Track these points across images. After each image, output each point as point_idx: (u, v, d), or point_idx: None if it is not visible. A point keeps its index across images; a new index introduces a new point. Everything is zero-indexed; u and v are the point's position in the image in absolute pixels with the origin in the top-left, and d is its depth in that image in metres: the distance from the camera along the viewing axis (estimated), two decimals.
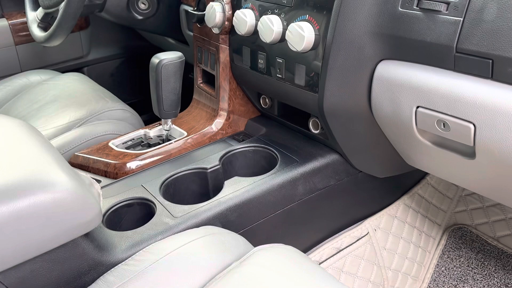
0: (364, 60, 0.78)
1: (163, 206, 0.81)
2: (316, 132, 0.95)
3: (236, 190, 0.84)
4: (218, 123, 1.07)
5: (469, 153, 0.71)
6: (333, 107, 0.84)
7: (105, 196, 0.84)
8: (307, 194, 0.92)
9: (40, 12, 1.24)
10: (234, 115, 1.09)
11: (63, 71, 1.58)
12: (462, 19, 0.63)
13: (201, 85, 1.15)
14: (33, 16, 1.26)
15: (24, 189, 0.57)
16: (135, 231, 0.75)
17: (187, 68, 1.07)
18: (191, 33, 1.19)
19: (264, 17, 0.86)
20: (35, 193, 0.58)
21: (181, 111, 1.17)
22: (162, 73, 0.95)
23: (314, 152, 0.95)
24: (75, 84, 1.38)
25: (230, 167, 0.97)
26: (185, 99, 1.10)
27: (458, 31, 0.64)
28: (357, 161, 0.95)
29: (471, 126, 0.66)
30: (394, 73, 0.75)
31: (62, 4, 1.08)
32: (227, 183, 0.87)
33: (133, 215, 0.84)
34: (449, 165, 0.80)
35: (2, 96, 1.39)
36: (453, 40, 0.65)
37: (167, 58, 0.95)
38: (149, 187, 0.86)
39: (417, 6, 0.69)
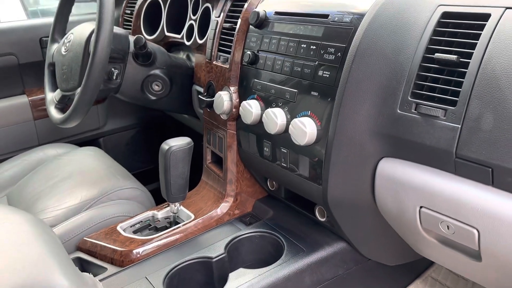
0: (365, 156, 0.78)
1: None
2: (323, 220, 0.94)
3: (241, 284, 0.83)
4: (224, 206, 1.08)
5: (475, 255, 0.70)
6: (337, 198, 0.84)
7: None
8: (314, 285, 0.90)
9: (57, 93, 1.30)
10: (242, 196, 1.10)
11: (80, 142, 1.63)
12: (460, 126, 0.64)
13: (210, 165, 1.17)
14: (51, 97, 1.32)
15: None
16: None
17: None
18: (202, 111, 1.24)
19: (269, 110, 0.89)
20: None
21: (190, 188, 1.19)
22: (171, 159, 0.97)
23: (321, 240, 0.93)
24: (89, 160, 1.41)
25: (236, 254, 0.96)
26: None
27: (457, 137, 0.64)
28: (366, 249, 0.94)
29: (475, 231, 0.65)
30: (395, 171, 0.75)
31: (79, 90, 1.14)
32: (231, 276, 0.86)
33: None
34: (456, 262, 0.78)
35: (19, 171, 1.43)
36: (452, 146, 0.65)
37: (176, 145, 0.98)
38: (152, 280, 0.85)
39: (415, 110, 0.70)
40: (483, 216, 0.63)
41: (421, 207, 0.72)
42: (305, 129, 0.80)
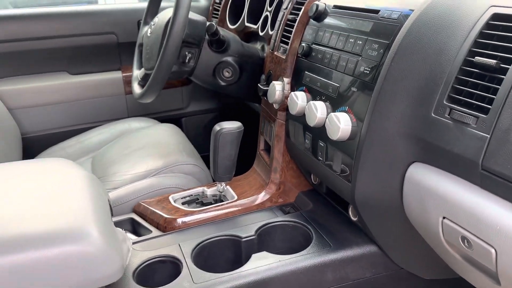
0: (396, 159, 0.76)
1: (188, 269, 0.86)
2: (355, 219, 0.93)
3: (260, 266, 0.86)
4: (268, 192, 1.11)
5: (494, 277, 0.64)
6: (365, 198, 0.82)
7: (145, 249, 0.93)
8: (337, 283, 0.89)
9: (141, 72, 1.44)
10: (286, 186, 1.12)
11: (163, 119, 1.78)
12: (489, 136, 0.59)
13: (261, 152, 1.21)
14: (136, 74, 1.47)
15: (55, 239, 0.68)
16: None
17: None
18: None
19: (311, 102, 0.90)
20: (64, 244, 0.68)
21: (244, 171, 1.25)
22: (220, 141, 1.04)
23: (351, 239, 0.92)
24: (164, 135, 1.55)
25: (266, 238, 0.99)
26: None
27: (485, 148, 0.60)
28: (396, 256, 0.90)
29: (493, 250, 0.60)
30: (423, 177, 0.71)
31: (153, 70, 1.25)
32: (254, 256, 0.89)
33: (166, 271, 0.91)
34: (481, 283, 0.72)
35: (105, 138, 1.62)
36: (479, 156, 0.60)
37: (226, 127, 1.04)
38: (183, 248, 0.92)
39: (448, 115, 0.66)
40: (502, 235, 0.58)
41: (444, 217, 0.68)
42: (339, 124, 0.80)
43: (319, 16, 0.98)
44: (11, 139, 1.50)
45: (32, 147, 1.64)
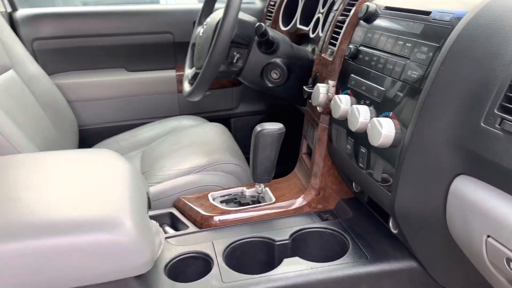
0: (440, 170, 0.71)
1: (219, 267, 0.86)
2: (395, 232, 0.88)
3: (291, 271, 0.84)
4: (306, 197, 1.08)
5: None
6: (406, 210, 0.78)
7: (180, 244, 0.95)
8: None
9: (192, 71, 1.47)
10: (326, 192, 1.09)
11: (213, 119, 1.80)
12: None
13: (303, 156, 1.19)
14: (187, 73, 1.50)
15: (91, 226, 0.70)
16: (185, 285, 0.82)
17: None
18: None
19: (354, 106, 0.86)
20: (98, 232, 0.70)
21: (286, 174, 1.23)
22: (260, 141, 1.03)
23: (389, 253, 0.88)
24: (211, 133, 1.57)
25: (302, 244, 0.97)
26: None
27: None
28: (437, 273, 0.84)
29: None
30: (468, 191, 0.66)
31: (201, 69, 1.27)
32: (286, 261, 0.87)
33: (197, 267, 0.92)
34: None
35: (156, 133, 1.67)
36: None
37: (267, 128, 1.02)
38: (216, 246, 0.92)
39: (499, 125, 0.60)
40: None
41: (488, 236, 0.62)
42: (381, 130, 0.76)
43: (369, 17, 0.94)
44: (69, 130, 1.59)
45: (88, 139, 1.73)
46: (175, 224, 1.12)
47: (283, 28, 1.61)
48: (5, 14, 1.62)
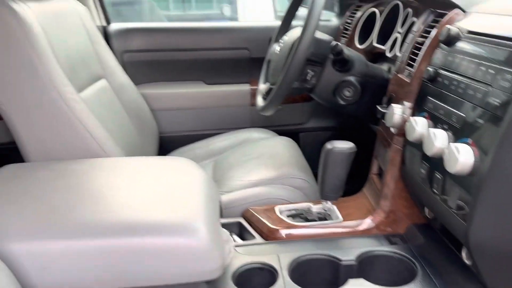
0: None
1: (283, 281, 0.88)
2: (469, 263, 0.84)
3: None
4: (375, 219, 1.07)
5: None
6: (482, 242, 0.74)
7: (247, 254, 0.98)
8: None
9: (266, 86, 1.52)
10: (396, 215, 1.07)
11: (282, 132, 1.84)
12: None
13: (373, 176, 1.18)
14: (261, 88, 1.55)
15: (168, 229, 0.76)
16: None
17: None
18: None
19: (430, 130, 0.85)
20: (175, 235, 0.76)
21: (353, 193, 1.23)
22: (330, 159, 1.04)
23: (460, 284, 0.84)
24: (281, 147, 1.60)
25: (368, 266, 0.96)
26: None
27: None
28: None
29: None
30: None
31: (275, 85, 1.31)
32: (351, 281, 0.87)
33: (262, 278, 0.94)
34: None
35: (228, 144, 1.74)
36: None
37: (338, 147, 1.03)
38: (282, 259, 0.95)
39: None
40: None
41: None
42: (459, 157, 0.74)
43: (450, 40, 0.92)
44: (150, 136, 1.70)
45: (166, 145, 1.84)
46: (243, 233, 1.16)
47: (358, 46, 1.61)
48: (100, 27, 1.78)
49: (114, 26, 1.84)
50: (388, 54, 1.35)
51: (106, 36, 1.80)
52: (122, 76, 1.62)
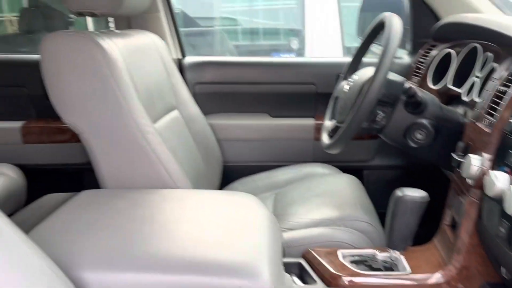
0: None
1: None
2: None
3: None
4: (446, 274, 1.01)
5: None
6: None
7: None
8: None
9: (332, 123, 1.50)
10: (469, 272, 1.00)
11: (345, 169, 1.81)
12: None
13: (445, 227, 1.11)
14: (327, 125, 1.54)
15: (231, 270, 0.77)
16: None
17: None
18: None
19: None
20: (237, 277, 0.76)
21: (422, 243, 1.17)
22: (400, 208, 1.00)
23: None
24: (344, 185, 1.57)
25: None
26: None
27: None
28: None
29: None
30: None
31: (344, 124, 1.30)
32: None
33: None
34: None
35: (290, 177, 1.74)
36: None
37: (409, 194, 1.00)
38: None
39: None
40: None
41: None
42: None
43: None
44: (215, 166, 1.75)
45: (229, 175, 1.87)
46: (303, 276, 1.14)
47: (432, 87, 1.56)
48: (176, 60, 1.88)
49: (189, 59, 1.93)
50: (465, 98, 1.29)
51: (181, 68, 1.89)
52: (193, 107, 1.69)
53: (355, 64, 1.57)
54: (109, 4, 1.20)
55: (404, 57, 1.90)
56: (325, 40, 2.68)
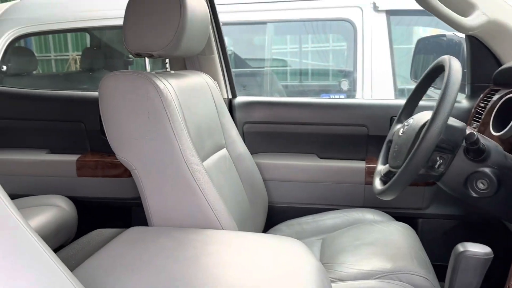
0: None
1: None
2: None
3: None
4: None
5: None
6: None
7: None
8: None
9: (385, 168, 1.44)
10: None
11: (398, 216, 1.72)
12: None
13: None
14: (379, 169, 1.48)
15: None
16: None
17: None
18: None
19: None
20: None
21: None
22: (461, 264, 0.92)
23: None
24: (397, 234, 1.48)
25: None
26: None
27: None
28: None
29: None
30: None
31: (399, 170, 1.23)
32: None
33: None
34: None
35: (338, 222, 1.67)
36: None
37: (472, 250, 0.92)
38: None
39: None
40: None
41: None
42: None
43: None
44: (261, 206, 1.72)
45: (274, 216, 1.83)
46: None
47: (493, 133, 1.47)
48: (226, 100, 1.91)
49: (239, 99, 1.96)
50: None
51: (231, 107, 1.92)
52: (241, 146, 1.69)
53: (410, 107, 1.51)
54: (167, 47, 1.24)
55: (463, 101, 1.82)
56: (377, 81, 2.64)
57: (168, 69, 1.48)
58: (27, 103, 2.03)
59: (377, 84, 2.65)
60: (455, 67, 1.18)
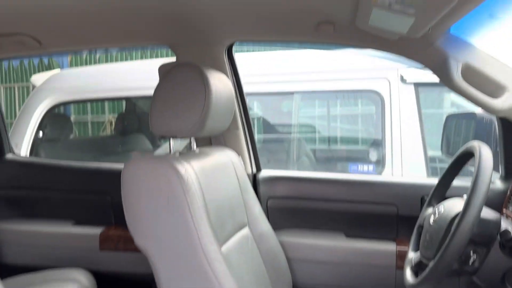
0: None
1: None
2: None
3: None
4: None
5: None
6: None
7: None
8: None
9: (416, 256, 1.35)
10: None
11: None
12: None
13: None
14: (410, 257, 1.39)
15: None
16: None
17: None
18: None
19: None
20: None
21: None
22: None
23: None
24: None
25: None
26: None
27: None
28: None
29: None
30: None
31: (430, 264, 1.15)
32: None
33: None
34: None
35: None
36: None
37: None
38: None
39: None
40: None
41: None
42: None
43: None
44: (282, 287, 1.63)
45: None
46: None
47: None
48: (250, 175, 1.89)
49: (263, 173, 1.93)
50: None
51: (255, 182, 1.89)
52: (264, 224, 1.64)
53: (442, 190, 1.44)
54: (192, 129, 1.26)
55: (497, 182, 1.73)
56: (406, 153, 2.58)
57: (193, 146, 1.48)
58: (56, 174, 2.08)
59: (407, 156, 2.59)
60: (485, 156, 1.13)
